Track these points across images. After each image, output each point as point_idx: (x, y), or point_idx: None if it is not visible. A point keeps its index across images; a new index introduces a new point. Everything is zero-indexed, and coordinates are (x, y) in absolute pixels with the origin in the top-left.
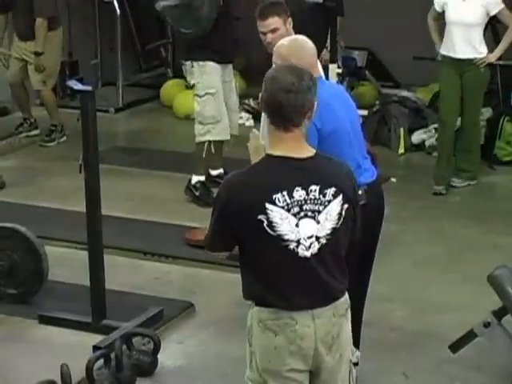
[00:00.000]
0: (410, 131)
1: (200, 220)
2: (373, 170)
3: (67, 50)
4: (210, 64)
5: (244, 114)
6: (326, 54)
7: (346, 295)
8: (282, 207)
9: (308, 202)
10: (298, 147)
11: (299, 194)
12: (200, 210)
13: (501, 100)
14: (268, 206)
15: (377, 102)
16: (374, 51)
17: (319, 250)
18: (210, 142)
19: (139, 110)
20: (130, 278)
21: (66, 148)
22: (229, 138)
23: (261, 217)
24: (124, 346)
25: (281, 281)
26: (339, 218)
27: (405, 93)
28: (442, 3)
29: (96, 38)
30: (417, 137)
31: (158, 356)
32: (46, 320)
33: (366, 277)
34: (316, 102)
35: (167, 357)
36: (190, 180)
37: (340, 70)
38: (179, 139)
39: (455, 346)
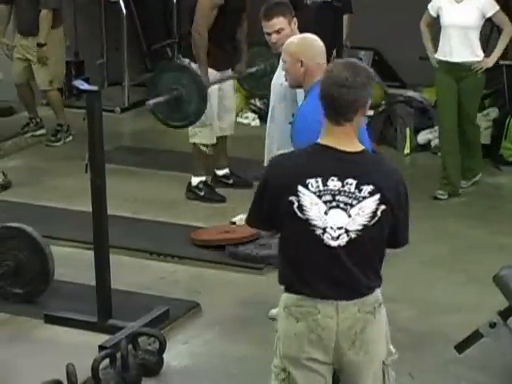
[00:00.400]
0: (416, 131)
1: (205, 220)
2: None
3: (73, 50)
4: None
5: (250, 114)
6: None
7: (378, 294)
8: (314, 192)
9: (342, 193)
10: (347, 141)
11: (334, 183)
12: (205, 210)
13: (507, 100)
14: (300, 188)
15: (383, 102)
16: (380, 51)
17: (348, 243)
18: (198, 144)
19: (145, 110)
20: (136, 278)
21: (71, 148)
22: (214, 141)
23: (292, 198)
24: (130, 346)
25: (306, 266)
26: (372, 217)
27: (411, 93)
28: (437, 7)
29: (102, 38)
30: (423, 137)
31: (164, 356)
32: (51, 320)
33: None
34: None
35: (173, 356)
36: (189, 183)
37: None
38: (185, 139)
39: (461, 347)
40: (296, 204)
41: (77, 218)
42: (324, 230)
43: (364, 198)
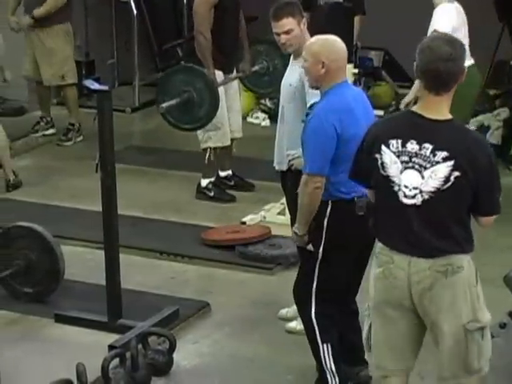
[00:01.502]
0: None
1: (215, 220)
2: None
3: (84, 50)
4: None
5: (260, 114)
6: None
7: (456, 258)
8: (394, 152)
9: (418, 156)
10: (438, 109)
11: (412, 146)
12: (215, 210)
13: None
14: (383, 147)
15: (393, 103)
16: (391, 51)
17: (422, 203)
18: (211, 148)
19: (155, 110)
20: (146, 278)
21: (82, 147)
22: (229, 143)
23: (377, 156)
24: (139, 346)
25: (387, 220)
26: (445, 182)
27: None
28: None
29: (112, 38)
30: None
31: (174, 355)
32: (62, 319)
33: (361, 276)
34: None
35: (182, 356)
36: (199, 184)
37: (356, 70)
38: (195, 139)
39: None
40: (380, 161)
41: (87, 218)
42: (399, 187)
43: (437, 162)
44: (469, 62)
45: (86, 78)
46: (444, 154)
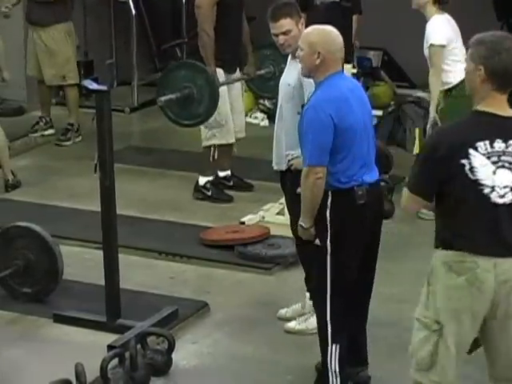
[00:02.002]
0: (426, 132)
1: (214, 220)
2: (376, 169)
3: (83, 50)
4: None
5: (259, 114)
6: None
7: None
8: (483, 154)
9: (506, 154)
10: (505, 106)
11: (499, 145)
12: (214, 209)
13: None
14: (471, 151)
15: (392, 103)
16: (390, 51)
17: None
18: (216, 145)
19: (154, 110)
20: (145, 278)
21: (81, 147)
22: (234, 141)
23: (463, 161)
24: (138, 346)
25: (471, 224)
26: None
27: (420, 93)
28: None
29: (111, 38)
30: None
31: (173, 355)
32: (60, 319)
33: (370, 277)
34: None
35: (181, 356)
36: (197, 182)
37: (355, 70)
38: (194, 139)
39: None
40: (467, 166)
41: (86, 218)
42: (492, 188)
43: None
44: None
45: (85, 78)
46: None
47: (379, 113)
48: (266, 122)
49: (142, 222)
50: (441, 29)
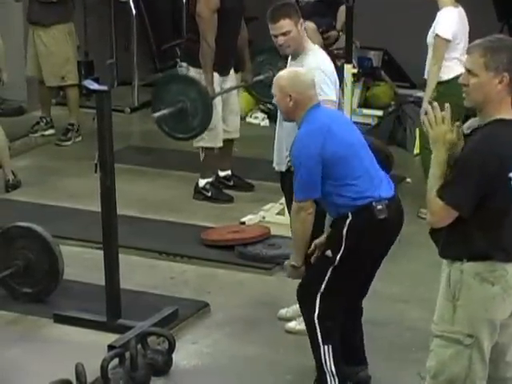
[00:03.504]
0: None
1: (214, 220)
2: (389, 182)
3: (83, 50)
4: None
5: (260, 114)
6: (333, 33)
7: None
8: None
9: None
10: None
11: None
12: (214, 210)
13: None
14: None
15: (392, 103)
16: (390, 51)
17: None
18: (203, 147)
19: None
20: (145, 278)
21: (81, 147)
22: (221, 145)
23: (511, 175)
24: (139, 346)
25: (506, 233)
26: None
27: (420, 93)
28: None
29: (112, 38)
30: None
31: (173, 355)
32: (61, 319)
33: (369, 282)
34: None
35: (182, 356)
36: (197, 184)
37: (355, 70)
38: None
39: None
40: None
41: (86, 218)
42: None
43: None
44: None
45: (86, 78)
46: None
47: (379, 113)
48: (266, 122)
49: (141, 222)
50: (450, 22)
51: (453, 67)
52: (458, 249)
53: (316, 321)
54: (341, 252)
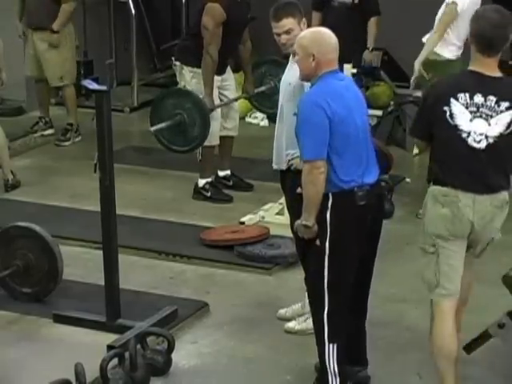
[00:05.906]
0: None
1: (214, 220)
2: (376, 170)
3: (82, 50)
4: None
5: (259, 114)
6: (367, 54)
7: (506, 195)
8: (462, 104)
9: (484, 106)
10: (491, 69)
11: (478, 98)
12: (214, 209)
13: None
14: (452, 100)
15: (392, 103)
16: (390, 51)
17: (487, 146)
18: (204, 146)
19: None
20: (145, 278)
21: (80, 147)
22: (217, 143)
23: (445, 108)
24: (138, 346)
25: (453, 163)
26: (507, 127)
27: (420, 93)
28: None
29: (111, 38)
30: None
31: (172, 355)
32: (60, 319)
33: (368, 277)
34: None
35: (181, 356)
36: (196, 184)
37: (355, 70)
38: None
39: (469, 347)
40: (448, 113)
41: (85, 218)
42: (468, 133)
43: (501, 111)
44: (451, 54)
45: (85, 77)
46: (507, 103)
47: (379, 113)
48: (265, 122)
49: (141, 222)
50: None
51: (450, 46)
52: (429, 175)
53: (325, 319)
54: (328, 239)
